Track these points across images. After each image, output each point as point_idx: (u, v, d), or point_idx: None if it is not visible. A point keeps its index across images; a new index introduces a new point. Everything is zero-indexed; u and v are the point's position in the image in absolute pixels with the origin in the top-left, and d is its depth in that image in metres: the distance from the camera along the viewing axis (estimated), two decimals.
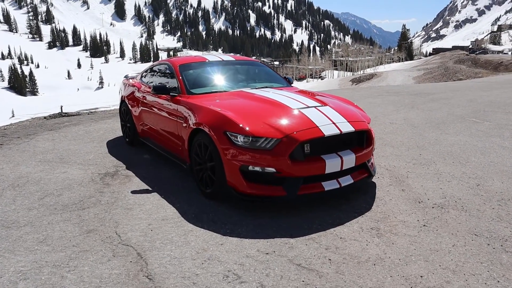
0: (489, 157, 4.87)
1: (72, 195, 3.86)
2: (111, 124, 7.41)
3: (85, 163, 4.89)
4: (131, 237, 2.95)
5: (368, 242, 2.83)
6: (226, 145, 3.25)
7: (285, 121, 3.34)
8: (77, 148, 5.61)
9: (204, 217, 3.27)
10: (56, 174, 4.50)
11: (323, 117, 3.47)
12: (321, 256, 2.65)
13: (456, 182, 4.02)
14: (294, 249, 2.74)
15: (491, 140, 5.68)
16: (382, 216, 3.25)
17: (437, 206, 3.44)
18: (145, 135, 5.21)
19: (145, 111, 4.97)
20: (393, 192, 3.78)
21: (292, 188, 3.19)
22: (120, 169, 4.64)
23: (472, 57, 63.44)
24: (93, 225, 3.17)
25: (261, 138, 3.17)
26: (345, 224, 3.12)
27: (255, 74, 4.95)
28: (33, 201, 3.72)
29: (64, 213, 3.43)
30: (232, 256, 2.65)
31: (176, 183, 4.11)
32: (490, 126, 6.64)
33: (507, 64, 46.15)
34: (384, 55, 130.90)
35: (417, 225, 3.10)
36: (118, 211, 3.44)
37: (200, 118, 3.58)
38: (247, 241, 2.86)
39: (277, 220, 3.19)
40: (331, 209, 3.40)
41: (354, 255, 2.66)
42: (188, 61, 4.69)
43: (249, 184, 3.21)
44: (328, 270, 2.49)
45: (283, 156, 3.13)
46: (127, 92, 5.54)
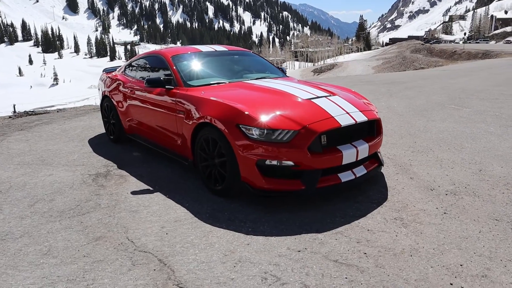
0: (480, 142, 4.98)
1: (66, 199, 3.54)
2: (87, 122, 6.97)
3: (71, 164, 4.53)
4: (147, 243, 2.72)
5: (396, 233, 2.77)
6: (239, 139, 3.07)
7: (300, 112, 3.20)
8: (57, 148, 5.20)
9: (220, 216, 3.09)
10: (41, 177, 4.13)
11: (336, 107, 3.36)
12: (355, 250, 2.56)
13: (458, 168, 4.06)
14: (325, 245, 2.63)
15: (477, 126, 5.83)
16: (401, 206, 3.21)
17: (450, 193, 3.44)
18: (133, 132, 4.91)
19: (133, 106, 4.66)
20: (403, 180, 3.76)
21: (311, 181, 3.06)
22: (112, 169, 4.33)
23: (427, 47, 66.10)
24: (100, 232, 2.90)
25: (277, 131, 3.02)
26: (368, 216, 3.04)
27: (249, 64, 4.77)
28: (23, 208, 3.37)
29: (62, 220, 3.13)
30: (264, 256, 2.50)
31: (178, 181, 3.88)
32: (471, 113, 6.83)
33: (461, 53, 48.36)
34: (343, 45, 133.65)
35: (437, 213, 3.08)
36: (123, 215, 3.18)
37: (206, 111, 3.36)
38: (274, 239, 2.71)
39: (297, 215, 3.06)
40: (348, 200, 3.32)
41: (388, 247, 2.59)
42: (180, 51, 4.43)
43: (266, 179, 3.06)
44: (367, 265, 2.39)
45: (301, 148, 2.99)
46: (110, 87, 5.19)
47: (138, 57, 5.06)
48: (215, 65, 4.47)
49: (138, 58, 5.00)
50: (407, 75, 15.63)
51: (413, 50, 68.40)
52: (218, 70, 4.41)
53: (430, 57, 55.63)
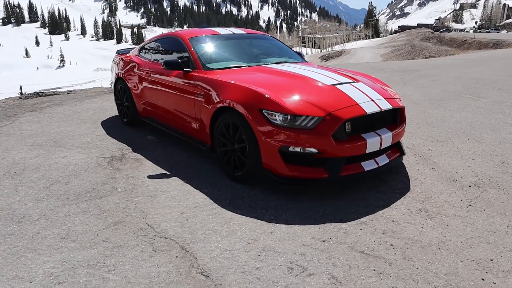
0: (500, 134, 4.86)
1: (82, 182, 3.49)
2: (99, 104, 6.91)
3: (85, 147, 4.48)
4: (167, 229, 2.67)
5: (422, 225, 2.69)
6: (262, 124, 2.99)
7: (324, 98, 3.10)
8: (69, 130, 5.15)
9: (240, 203, 3.03)
10: (55, 159, 4.08)
11: (360, 94, 3.26)
12: (381, 241, 2.49)
13: (480, 159, 3.96)
14: (350, 235, 2.56)
15: (495, 117, 5.70)
16: (425, 197, 3.13)
17: (474, 185, 3.35)
18: (147, 115, 4.83)
19: (149, 88, 4.58)
20: (424, 171, 3.67)
21: (335, 170, 2.99)
22: (127, 152, 4.28)
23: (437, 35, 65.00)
24: (118, 216, 2.86)
25: (301, 116, 2.92)
26: (391, 206, 2.97)
27: (268, 48, 4.65)
28: (39, 190, 3.33)
29: (79, 203, 3.08)
30: (288, 246, 2.44)
31: (195, 166, 3.82)
32: (488, 103, 6.68)
33: (471, 42, 47.49)
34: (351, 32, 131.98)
35: (462, 205, 2.99)
36: (141, 199, 3.13)
37: (227, 95, 3.27)
38: (297, 228, 2.65)
39: (320, 204, 2.99)
40: (370, 190, 3.24)
41: (414, 239, 2.52)
42: (198, 33, 4.31)
43: (289, 166, 2.98)
44: (395, 257, 2.33)
45: (326, 135, 2.90)
46: (124, 68, 5.09)
47: (154, 38, 4.95)
48: (234, 49, 4.36)
49: (154, 39, 4.89)
50: (419, 63, 15.36)
51: (422, 38, 67.27)
52: (236, 53, 4.30)
53: (440, 46, 54.71)
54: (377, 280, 2.12)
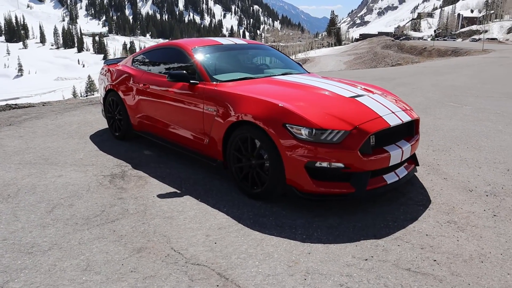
0: (495, 141, 5.00)
1: (87, 204, 3.24)
2: (81, 117, 6.55)
3: (79, 164, 4.19)
4: (197, 254, 2.49)
5: (457, 238, 2.67)
6: (286, 139, 2.88)
7: (347, 111, 3.04)
8: (57, 146, 4.82)
9: (266, 222, 2.89)
10: (50, 178, 3.78)
11: (380, 106, 3.22)
12: (423, 257, 2.43)
13: (486, 168, 4.03)
14: (389, 252, 2.49)
15: (484, 124, 5.87)
16: (448, 208, 3.12)
17: (490, 194, 3.39)
18: (144, 129, 4.60)
19: (146, 101, 4.36)
20: (437, 181, 3.68)
21: (361, 184, 2.92)
22: (127, 169, 4.03)
23: (397, 43, 67.48)
24: (139, 242, 2.65)
25: (327, 131, 2.84)
26: (419, 219, 2.93)
27: (271, 58, 4.56)
28: (42, 215, 3.05)
29: (91, 228, 2.84)
30: (332, 267, 2.33)
31: (204, 183, 3.65)
32: (473, 110, 6.90)
33: (430, 50, 49.62)
34: (314, 40, 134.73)
35: (487, 215, 3.00)
36: (158, 222, 2.92)
37: (245, 109, 3.14)
38: (334, 247, 2.55)
39: (348, 220, 2.91)
40: (392, 203, 3.20)
41: (454, 253, 2.48)
42: (201, 44, 4.16)
43: (316, 182, 2.88)
44: (443, 273, 2.27)
45: (353, 149, 2.83)
46: (117, 80, 4.84)
47: (149, 49, 4.74)
48: (237, 59, 4.24)
49: (150, 50, 4.68)
50: (392, 71, 15.79)
51: (383, 46, 69.62)
52: (240, 64, 4.18)
53: (401, 53, 56.77)
54: None
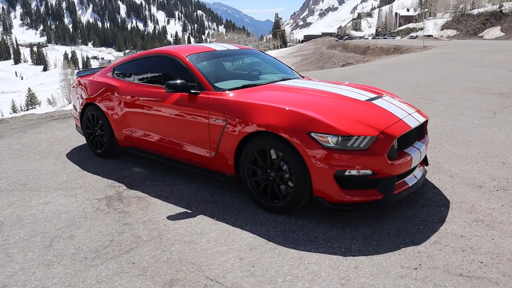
0: (478, 135, 5.17)
1: (90, 234, 2.90)
2: (49, 134, 6.00)
3: (65, 188, 3.79)
4: (238, 281, 2.27)
5: (491, 236, 2.66)
6: (313, 149, 2.73)
7: (369, 116, 2.96)
8: (32, 169, 4.35)
9: (297, 237, 2.73)
10: (36, 207, 3.37)
11: (397, 109, 3.18)
12: (469, 260, 2.39)
13: (483, 162, 4.14)
14: (434, 258, 2.42)
15: (461, 119, 6.09)
16: (469, 206, 3.13)
17: (500, 189, 3.45)
18: (132, 144, 4.25)
19: (136, 114, 4.03)
20: (445, 179, 3.70)
21: (388, 189, 2.84)
22: (121, 190, 3.70)
23: (341, 43, 69.87)
24: (167, 274, 2.38)
25: (353, 137, 2.74)
26: (447, 221, 2.90)
27: (264, 64, 4.38)
28: (40, 251, 2.68)
29: (105, 262, 2.53)
30: (386, 280, 2.21)
31: (215, 200, 3.41)
32: (444, 106, 7.16)
33: (374, 48, 51.76)
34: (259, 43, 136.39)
35: (508, 210, 3.04)
36: (180, 248, 2.66)
37: (262, 119, 2.95)
38: (378, 258, 2.44)
39: (380, 228, 2.82)
40: (413, 206, 3.16)
41: (496, 253, 2.46)
42: (195, 51, 3.90)
43: (345, 191, 2.76)
44: (495, 275, 2.23)
45: (381, 155, 2.75)
46: (97, 92, 4.45)
47: (132, 57, 4.40)
48: (234, 66, 4.04)
49: (135, 59, 4.33)
50: (349, 71, 16.19)
51: (328, 46, 71.74)
52: (237, 71, 3.98)
53: (346, 53, 58.78)
54: None
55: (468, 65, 15.08)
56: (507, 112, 6.45)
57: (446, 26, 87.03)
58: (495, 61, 16.18)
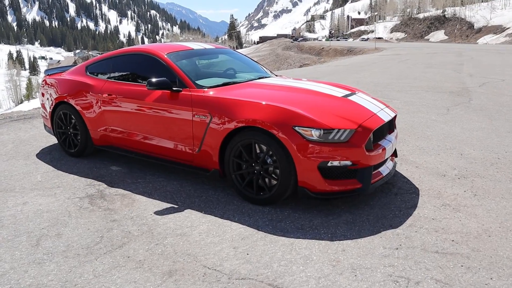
0: (436, 130, 5.60)
1: (78, 231, 2.88)
2: (12, 135, 5.76)
3: (42, 187, 3.70)
4: (236, 268, 2.38)
5: (459, 218, 2.95)
6: (297, 142, 2.90)
7: (347, 110, 3.17)
8: (2, 170, 4.19)
9: (285, 226, 2.88)
10: (14, 207, 3.29)
11: (370, 104, 3.42)
12: (441, 239, 2.65)
13: (444, 154, 4.50)
14: (412, 239, 2.66)
15: (419, 116, 6.54)
16: (436, 193, 3.42)
17: (461, 177, 3.79)
18: (108, 143, 4.21)
19: (114, 112, 4.00)
20: (412, 170, 4.01)
21: (366, 179, 3.06)
22: (102, 188, 3.67)
23: (296, 44, 71.32)
24: (165, 265, 2.44)
25: (334, 130, 2.93)
26: (419, 206, 3.17)
27: (239, 62, 4.49)
28: (29, 250, 2.64)
29: (100, 257, 2.54)
30: (372, 260, 2.41)
31: (199, 194, 3.49)
32: (403, 104, 7.63)
33: (328, 50, 53.31)
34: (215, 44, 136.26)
35: (470, 195, 3.37)
36: (173, 240, 2.73)
37: (248, 114, 3.07)
38: (362, 241, 2.64)
39: (359, 215, 3.03)
40: (387, 194, 3.41)
41: (464, 232, 2.74)
42: (174, 49, 3.94)
43: (328, 181, 2.95)
44: (465, 250, 2.50)
45: (359, 147, 2.96)
46: (69, 91, 4.36)
47: (107, 56, 4.35)
48: (211, 64, 4.13)
49: (110, 57, 4.29)
50: (308, 71, 16.65)
51: (284, 47, 72.91)
52: (215, 68, 4.07)
53: (301, 54, 60.05)
54: (472, 274, 2.25)
55: (419, 66, 16.02)
56: (459, 108, 7.00)
57: (395, 29, 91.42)
58: (442, 62, 17.30)
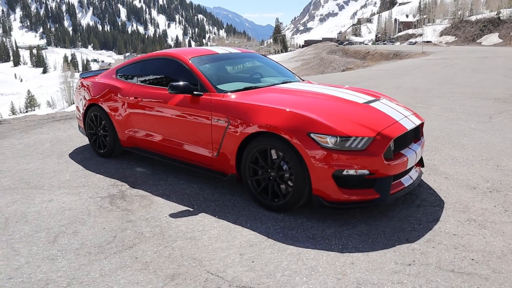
0: (474, 139, 5.27)
1: (94, 230, 2.97)
2: (51, 134, 6.09)
3: (68, 186, 3.87)
4: (238, 275, 2.35)
5: (483, 235, 2.74)
6: (312, 149, 2.82)
7: (366, 117, 3.05)
8: (35, 168, 4.42)
9: (296, 235, 2.81)
10: (40, 204, 3.45)
11: (394, 111, 3.28)
12: (460, 257, 2.47)
13: (478, 165, 4.23)
14: (428, 255, 2.50)
15: (457, 123, 6.19)
16: (462, 207, 3.21)
17: (493, 190, 3.54)
18: (135, 144, 4.34)
19: (139, 114, 4.12)
20: (441, 181, 3.79)
21: (385, 189, 2.92)
22: (124, 189, 3.78)
23: (341, 48, 70.28)
24: (169, 268, 2.46)
25: (352, 138, 2.83)
26: (441, 220, 2.99)
27: (265, 67, 4.49)
28: (45, 246, 2.75)
29: (109, 257, 2.60)
30: (380, 275, 2.30)
31: (216, 198, 3.49)
32: (442, 110, 7.27)
33: (374, 54, 52.04)
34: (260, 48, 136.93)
35: (499, 211, 3.13)
36: (182, 244, 2.74)
37: (264, 120, 3.04)
38: (374, 255, 2.52)
39: (376, 226, 2.90)
40: (410, 206, 3.24)
41: (487, 251, 2.55)
42: (198, 54, 4.00)
43: (343, 191, 2.85)
44: (485, 271, 2.32)
45: (378, 155, 2.84)
46: (100, 93, 4.54)
47: (136, 60, 4.50)
48: (235, 68, 4.14)
49: (138, 61, 4.43)
50: (349, 75, 16.34)
51: (329, 51, 72.05)
52: (239, 73, 4.08)
53: (346, 58, 58.98)
54: None
55: (465, 71, 15.23)
56: (502, 116, 6.56)
57: (445, 32, 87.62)
58: (492, 67, 16.34)
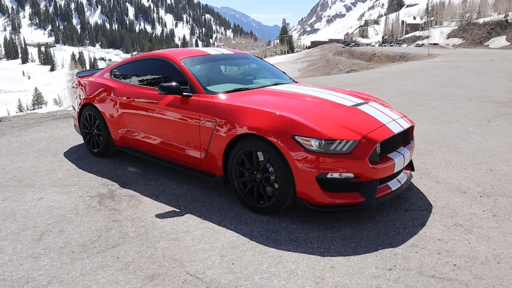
0: (469, 143, 5.23)
1: (80, 229, 2.99)
2: (49, 132, 6.12)
3: (59, 185, 3.89)
4: (216, 277, 2.35)
5: (468, 240, 2.72)
6: (296, 151, 2.81)
7: (353, 120, 3.03)
8: (29, 166, 4.46)
9: (279, 237, 2.80)
10: (30, 202, 3.47)
11: (381, 114, 3.26)
12: (443, 262, 2.45)
13: (471, 169, 4.19)
14: (410, 260, 2.49)
15: (455, 127, 6.15)
16: (450, 211, 3.19)
17: (484, 195, 3.51)
18: (127, 144, 4.35)
19: (131, 115, 4.13)
20: (431, 185, 3.76)
21: (370, 193, 2.91)
22: (114, 188, 3.79)
23: (348, 49, 70.00)
24: (149, 268, 2.46)
25: (336, 141, 2.82)
26: (427, 224, 2.97)
27: (258, 68, 4.48)
28: (29, 244, 2.77)
29: (91, 256, 2.61)
30: (360, 280, 2.28)
31: (203, 200, 3.50)
32: (440, 113, 7.22)
33: (380, 56, 51.77)
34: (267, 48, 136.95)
35: (488, 216, 3.10)
36: (165, 244, 2.75)
37: (249, 121, 3.04)
38: (355, 259, 2.51)
39: (360, 230, 2.89)
40: (397, 210, 3.22)
41: (470, 256, 2.52)
42: (190, 54, 4.01)
43: (328, 194, 2.84)
44: (466, 277, 2.30)
45: (362, 159, 2.82)
46: (95, 93, 4.56)
47: (130, 60, 4.52)
48: (227, 70, 4.14)
49: (132, 61, 4.45)
50: (353, 77, 16.28)
51: (335, 52, 71.78)
52: (231, 74, 4.08)
53: (352, 59, 58.73)
54: None
55: (469, 73, 15.12)
56: (501, 120, 6.50)
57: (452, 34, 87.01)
58: (497, 70, 16.21)
